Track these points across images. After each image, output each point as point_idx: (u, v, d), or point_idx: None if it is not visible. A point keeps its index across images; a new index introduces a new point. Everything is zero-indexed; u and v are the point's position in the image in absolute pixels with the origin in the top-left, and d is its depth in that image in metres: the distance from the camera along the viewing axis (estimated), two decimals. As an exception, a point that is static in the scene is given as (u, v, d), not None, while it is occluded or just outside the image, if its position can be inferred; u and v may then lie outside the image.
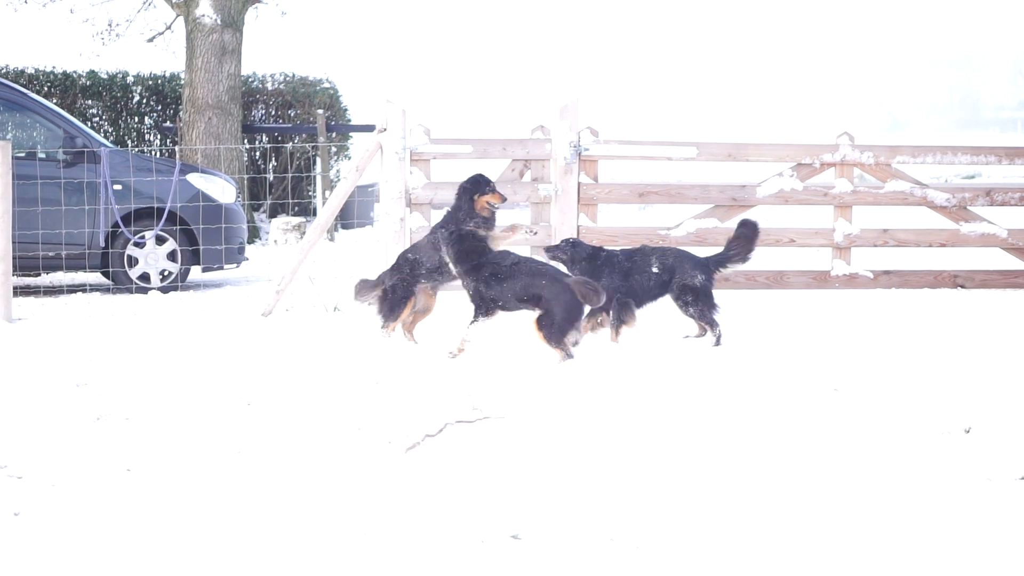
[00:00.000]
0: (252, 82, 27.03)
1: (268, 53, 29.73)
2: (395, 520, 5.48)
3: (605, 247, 10.98)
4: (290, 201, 26.26)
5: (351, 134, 28.10)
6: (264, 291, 14.42)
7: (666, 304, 10.69)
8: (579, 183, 13.64)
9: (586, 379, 8.58)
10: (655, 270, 10.53)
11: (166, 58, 27.84)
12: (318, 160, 25.50)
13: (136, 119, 26.49)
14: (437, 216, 14.19)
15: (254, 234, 23.78)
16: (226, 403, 7.90)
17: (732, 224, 13.70)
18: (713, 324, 10.47)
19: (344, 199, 13.37)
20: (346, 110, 28.32)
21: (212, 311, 13.37)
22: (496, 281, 9.73)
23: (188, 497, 5.81)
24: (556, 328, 9.41)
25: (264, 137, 26.86)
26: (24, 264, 15.41)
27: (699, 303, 10.49)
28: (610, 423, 7.19)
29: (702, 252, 15.19)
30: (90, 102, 25.95)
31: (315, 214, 25.10)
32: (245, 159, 25.51)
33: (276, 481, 6.07)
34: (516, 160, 13.78)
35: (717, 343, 10.38)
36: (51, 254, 15.58)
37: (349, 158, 27.85)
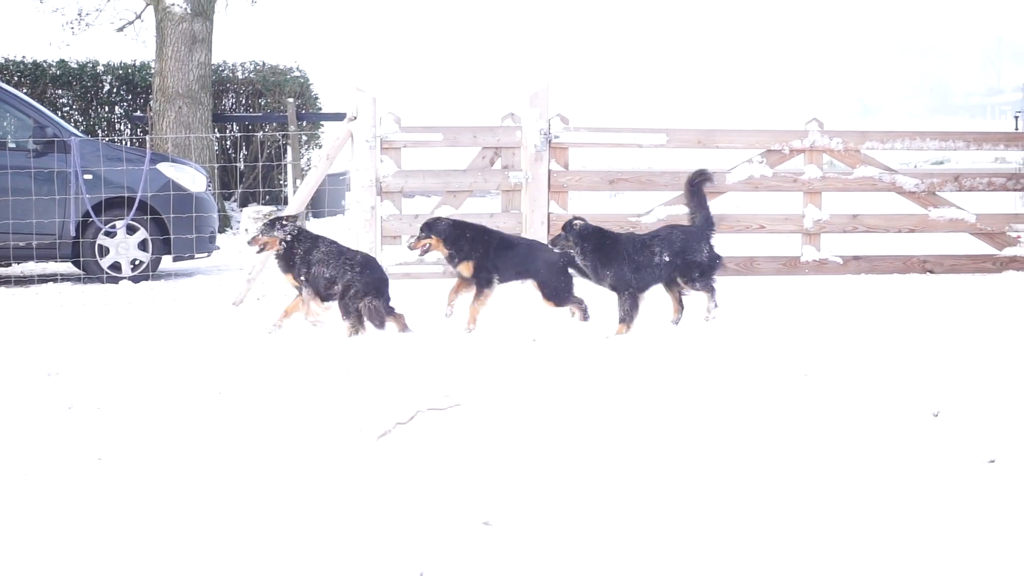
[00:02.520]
0: (222, 71, 26.97)
1: (238, 42, 29.65)
2: (367, 507, 5.50)
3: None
4: (261, 190, 26.21)
5: (322, 123, 28.07)
6: (235, 280, 14.43)
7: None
8: (550, 170, 13.68)
9: (557, 366, 8.61)
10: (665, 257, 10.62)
11: (136, 47, 27.80)
12: (289, 149, 25.43)
13: (106, 108, 26.41)
14: (408, 204, 14.23)
15: (225, 223, 23.76)
16: (197, 392, 7.91)
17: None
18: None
19: (315, 188, 13.37)
20: (317, 99, 28.28)
21: (183, 300, 13.38)
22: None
23: (160, 486, 5.82)
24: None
25: (235, 126, 26.79)
26: (-6, 254, 15.39)
27: (705, 276, 10.76)
28: (581, 409, 7.21)
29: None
30: (60, 91, 25.86)
31: (286, 203, 25.04)
32: (216, 148, 25.47)
33: (247, 469, 6.08)
34: (486, 148, 13.80)
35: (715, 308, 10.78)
36: (22, 244, 15.55)
37: (320, 147, 27.82)
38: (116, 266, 15.67)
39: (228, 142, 27.03)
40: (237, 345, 9.86)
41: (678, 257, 10.56)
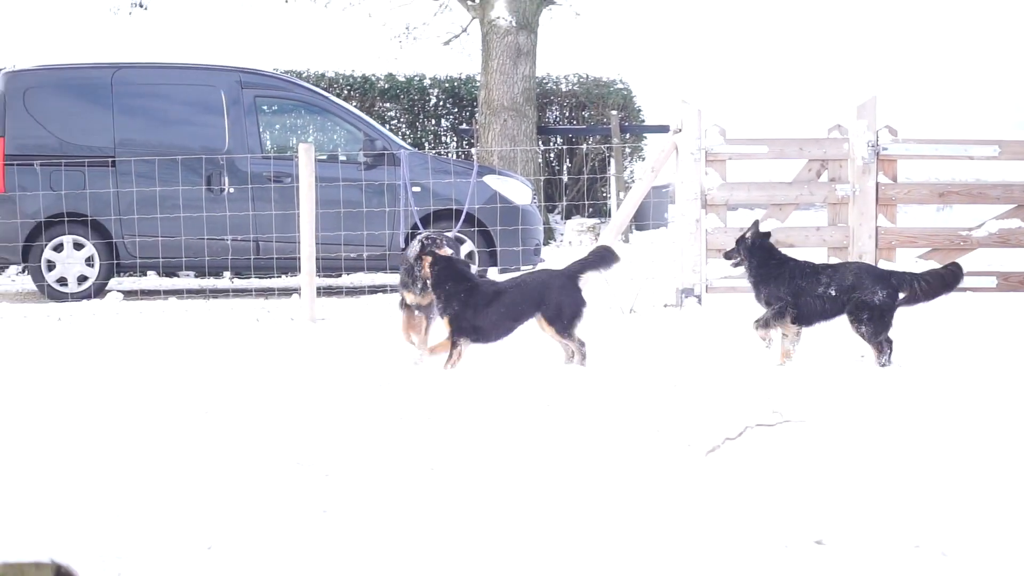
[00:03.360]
0: (546, 83, 27.20)
1: (562, 54, 29.88)
2: (696, 522, 5.40)
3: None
4: (585, 202, 26.34)
5: (645, 135, 28.06)
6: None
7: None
8: (877, 183, 13.36)
9: (889, 382, 8.37)
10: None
11: (461, 60, 28.26)
12: (612, 161, 25.51)
13: (433, 121, 26.92)
14: (732, 217, 14.07)
15: (549, 235, 23.95)
16: (526, 404, 7.91)
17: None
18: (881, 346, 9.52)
19: (639, 200, 13.34)
20: (640, 111, 28.29)
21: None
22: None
23: (488, 494, 5.82)
24: None
25: (558, 138, 27.01)
26: (327, 265, 15.81)
27: (872, 322, 9.46)
28: (914, 426, 6.98)
29: (1005, 254, 14.70)
30: (388, 105, 26.46)
31: (609, 215, 25.12)
32: (540, 160, 25.69)
33: (573, 479, 6.04)
34: (812, 160, 13.59)
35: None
36: (353, 255, 15.93)
37: (643, 159, 27.84)
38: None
39: (552, 154, 27.25)
40: (558, 357, 9.86)
41: (846, 293, 9.51)
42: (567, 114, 27.78)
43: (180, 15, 34.98)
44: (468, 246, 15.96)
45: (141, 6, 26.11)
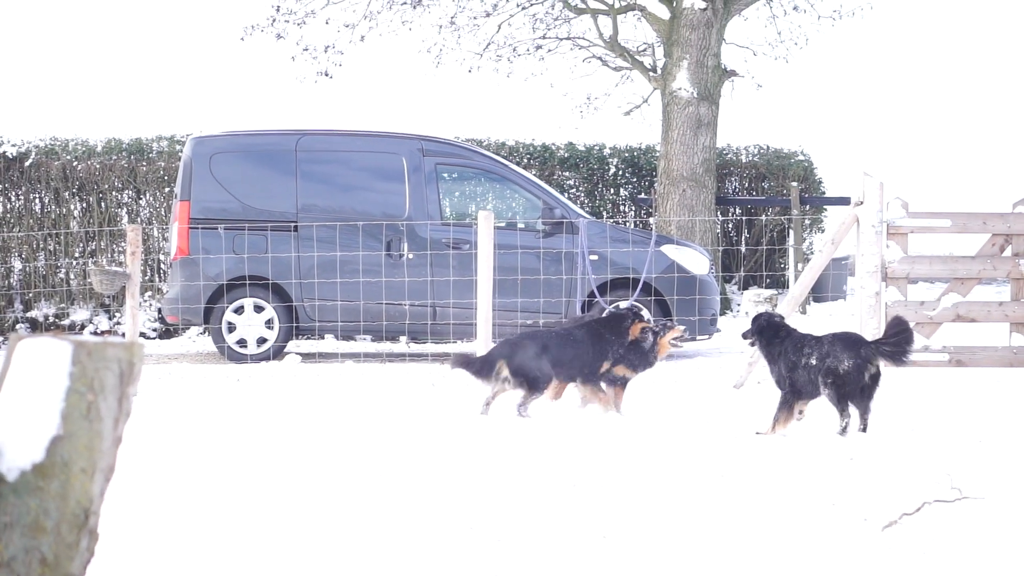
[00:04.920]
0: (726, 154, 27.10)
1: (743, 125, 29.82)
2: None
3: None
4: (763, 273, 26.15)
5: (825, 207, 27.79)
6: (736, 363, 14.35)
7: None
8: (1062, 259, 13.10)
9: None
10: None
11: (642, 130, 28.33)
12: (791, 232, 25.32)
13: (612, 190, 26.93)
14: (913, 290, 13.88)
15: (726, 305, 23.79)
16: (699, 473, 7.86)
17: None
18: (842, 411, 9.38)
19: (818, 272, 13.22)
20: (820, 182, 28.02)
21: (685, 381, 13.40)
22: None
23: (661, 566, 5.78)
24: None
25: (737, 209, 26.87)
26: (503, 331, 15.88)
27: (836, 387, 9.35)
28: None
29: None
30: (568, 173, 26.54)
31: (787, 287, 24.92)
32: (718, 231, 25.59)
33: (750, 552, 5.97)
34: (996, 235, 13.34)
35: (842, 432, 9.32)
36: (529, 322, 15.98)
37: (822, 231, 27.55)
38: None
39: (730, 224, 27.12)
40: (736, 427, 9.79)
41: (822, 361, 9.39)
42: (747, 185, 27.62)
43: (364, 84, 35.59)
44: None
45: (327, 75, 26.54)
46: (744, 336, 10.30)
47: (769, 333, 9.93)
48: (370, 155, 17.23)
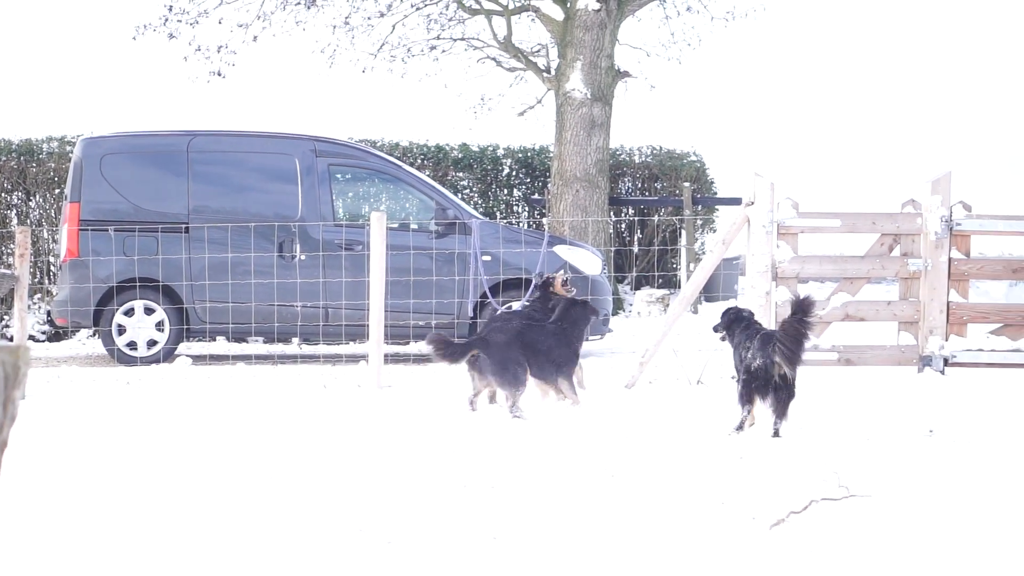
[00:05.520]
0: (619, 155, 27.20)
1: (636, 126, 29.89)
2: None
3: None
4: (655, 273, 26.29)
5: (717, 207, 27.99)
6: (628, 363, 14.42)
7: None
8: (950, 258, 13.27)
9: (953, 458, 8.27)
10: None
11: (535, 131, 28.34)
12: (683, 233, 25.47)
13: (505, 191, 26.95)
14: (803, 290, 14.00)
15: (618, 306, 23.88)
16: (591, 474, 7.88)
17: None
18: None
19: (709, 272, 13.31)
20: (712, 183, 28.21)
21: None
22: None
23: (550, 566, 5.79)
24: None
25: (630, 209, 26.98)
26: (395, 332, 15.84)
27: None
28: (980, 505, 6.88)
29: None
30: (461, 174, 26.52)
31: (679, 287, 25.06)
32: (611, 231, 25.69)
33: (637, 550, 5.99)
34: (885, 235, 13.51)
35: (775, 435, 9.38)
36: (421, 323, 15.95)
37: (715, 231, 27.74)
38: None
39: (623, 225, 27.24)
40: (628, 428, 9.83)
41: (750, 355, 9.52)
42: (639, 185, 27.73)
43: (258, 84, 35.35)
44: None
45: (220, 75, 26.34)
46: (715, 330, 10.39)
47: (738, 327, 10.05)
48: (262, 156, 17.11)
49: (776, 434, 9.34)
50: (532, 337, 10.81)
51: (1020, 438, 9.27)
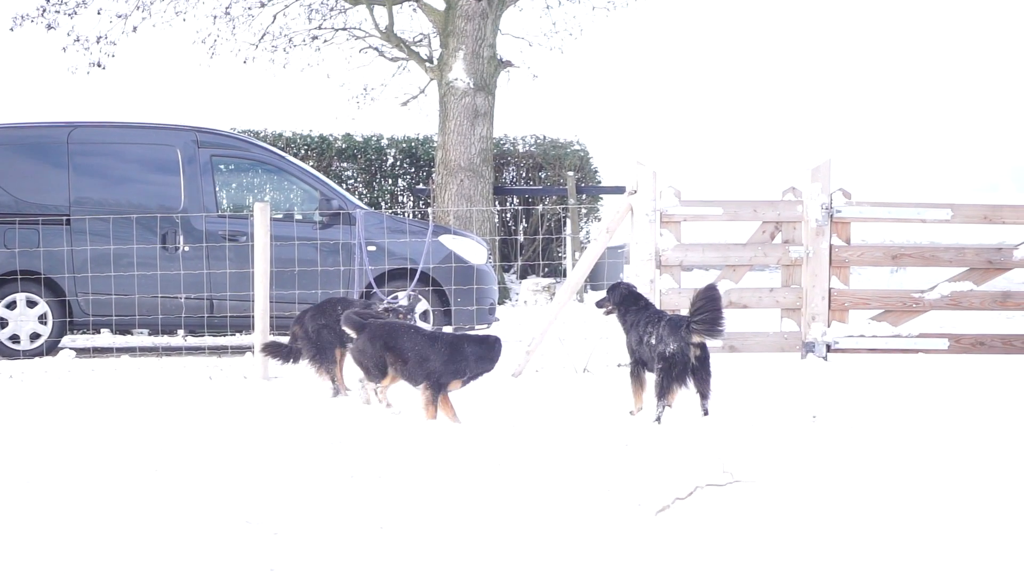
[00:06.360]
0: (503, 144, 27.29)
1: (520, 116, 30.04)
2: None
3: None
4: (540, 262, 26.40)
5: (601, 196, 28.14)
6: (514, 352, 14.46)
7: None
8: (831, 245, 13.43)
9: (837, 442, 8.40)
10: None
11: (419, 121, 28.39)
12: (568, 222, 25.59)
13: (389, 181, 26.94)
14: (687, 278, 14.13)
15: (504, 295, 23.95)
16: (478, 463, 7.91)
17: (988, 287, 13.40)
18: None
19: (594, 261, 13.37)
20: (596, 172, 28.38)
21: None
22: None
23: (436, 553, 5.81)
24: None
25: (515, 199, 27.07)
26: (281, 323, 15.75)
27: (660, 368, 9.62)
28: (863, 488, 7.00)
29: (957, 316, 14.89)
30: (345, 164, 26.47)
31: (565, 275, 25.17)
32: (496, 221, 25.75)
33: (524, 538, 6.03)
34: (767, 222, 13.66)
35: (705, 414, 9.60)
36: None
37: (599, 220, 27.92)
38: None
39: (508, 214, 27.31)
40: (517, 417, 9.87)
41: (660, 343, 9.58)
42: (524, 175, 27.84)
43: (138, 76, 34.99)
44: (423, 305, 15.94)
45: (99, 66, 26.07)
46: (599, 305, 10.47)
47: (633, 306, 10.15)
48: (144, 147, 16.93)
49: (706, 413, 9.52)
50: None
51: (901, 422, 9.42)
